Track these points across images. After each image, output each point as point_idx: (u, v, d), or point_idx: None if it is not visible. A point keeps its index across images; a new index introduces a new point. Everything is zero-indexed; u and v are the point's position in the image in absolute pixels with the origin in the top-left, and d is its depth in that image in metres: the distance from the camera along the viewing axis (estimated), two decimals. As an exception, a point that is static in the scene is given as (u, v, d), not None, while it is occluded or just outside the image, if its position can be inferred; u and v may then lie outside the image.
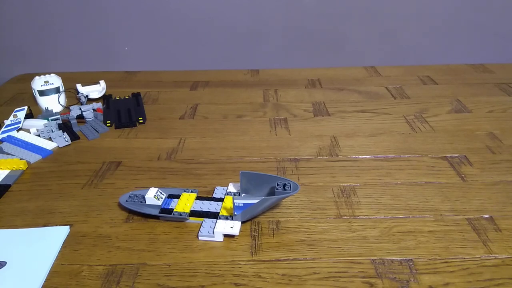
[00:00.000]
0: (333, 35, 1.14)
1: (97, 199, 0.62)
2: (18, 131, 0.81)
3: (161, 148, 0.76)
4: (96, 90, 0.96)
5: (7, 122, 0.83)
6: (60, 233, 0.54)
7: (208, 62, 1.17)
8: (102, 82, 0.98)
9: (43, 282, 0.47)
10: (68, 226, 0.56)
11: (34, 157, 0.73)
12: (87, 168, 0.70)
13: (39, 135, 0.80)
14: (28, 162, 0.71)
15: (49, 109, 0.89)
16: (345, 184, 0.64)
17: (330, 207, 0.59)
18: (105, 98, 0.96)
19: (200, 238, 0.53)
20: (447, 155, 0.72)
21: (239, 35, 1.14)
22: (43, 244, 0.52)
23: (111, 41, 1.15)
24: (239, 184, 0.61)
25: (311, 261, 0.50)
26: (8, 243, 0.53)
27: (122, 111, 0.89)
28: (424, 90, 0.99)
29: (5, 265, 0.49)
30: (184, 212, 0.56)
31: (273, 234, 0.54)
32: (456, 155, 0.72)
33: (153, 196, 0.57)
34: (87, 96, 0.94)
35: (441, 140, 0.77)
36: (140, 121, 0.85)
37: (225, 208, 0.57)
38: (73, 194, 0.63)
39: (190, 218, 0.56)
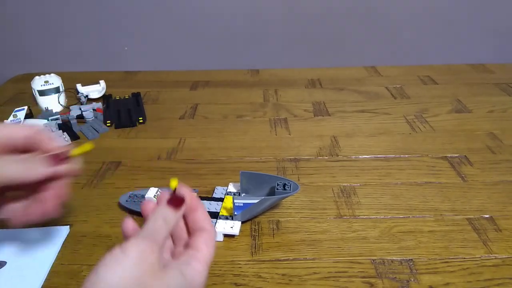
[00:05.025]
0: (333, 35, 1.14)
1: (97, 199, 0.62)
2: (18, 131, 0.81)
3: (161, 148, 0.76)
4: (96, 90, 0.96)
5: (7, 122, 0.82)
6: (60, 233, 0.54)
7: (208, 62, 1.17)
8: (102, 82, 0.98)
9: (42, 282, 0.47)
10: (68, 226, 0.56)
11: (34, 157, 0.72)
12: (87, 168, 0.70)
13: (39, 135, 0.80)
14: (28, 162, 0.71)
15: (49, 109, 0.89)
16: (345, 184, 0.64)
17: (330, 207, 0.59)
18: (105, 98, 0.96)
19: (200, 238, 0.53)
20: (447, 155, 0.72)
21: (239, 35, 1.14)
22: (43, 244, 0.52)
23: (111, 41, 1.15)
24: (239, 184, 0.61)
25: (311, 261, 0.50)
26: (7, 243, 0.53)
27: (122, 111, 0.89)
28: (424, 90, 0.99)
29: (4, 265, 0.49)
30: (184, 212, 0.56)
31: (273, 234, 0.54)
32: (456, 155, 0.72)
33: (153, 196, 0.57)
34: (87, 96, 0.94)
35: (441, 140, 0.77)
36: (140, 121, 0.85)
37: (225, 208, 0.57)
38: (73, 194, 0.63)
39: (190, 218, 0.56)
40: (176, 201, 0.34)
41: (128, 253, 0.28)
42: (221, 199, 0.59)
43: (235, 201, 0.53)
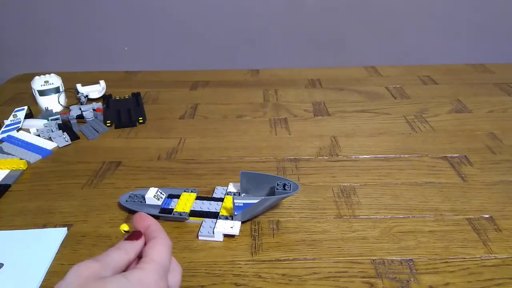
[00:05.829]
0: (333, 35, 1.14)
1: (97, 199, 0.62)
2: (18, 131, 0.81)
3: (161, 148, 0.76)
4: (96, 90, 0.96)
5: (7, 122, 0.83)
6: (57, 235, 0.54)
7: (208, 62, 1.17)
8: (102, 82, 0.98)
9: (39, 284, 0.47)
10: (66, 228, 0.55)
11: (34, 157, 0.73)
12: (87, 168, 0.70)
13: (39, 135, 0.80)
14: (28, 162, 0.71)
15: (49, 109, 0.89)
16: (345, 184, 0.64)
17: (330, 207, 0.59)
18: (105, 98, 0.95)
19: (200, 238, 0.53)
20: (447, 155, 0.72)
21: (239, 35, 1.14)
22: (40, 246, 0.52)
23: (111, 41, 1.15)
24: (239, 184, 0.61)
25: (311, 261, 0.50)
26: (4, 245, 0.53)
27: (122, 111, 0.89)
28: (424, 90, 0.99)
29: (1, 267, 0.49)
30: (184, 212, 0.56)
31: (273, 234, 0.54)
32: (456, 155, 0.72)
33: (153, 196, 0.57)
34: (87, 96, 0.94)
35: (441, 140, 0.77)
36: (140, 121, 0.85)
37: (225, 208, 0.57)
38: (73, 194, 0.63)
39: (190, 218, 0.56)
40: (133, 235, 0.36)
41: (64, 278, 0.32)
42: (221, 199, 0.59)
43: (235, 201, 0.53)
